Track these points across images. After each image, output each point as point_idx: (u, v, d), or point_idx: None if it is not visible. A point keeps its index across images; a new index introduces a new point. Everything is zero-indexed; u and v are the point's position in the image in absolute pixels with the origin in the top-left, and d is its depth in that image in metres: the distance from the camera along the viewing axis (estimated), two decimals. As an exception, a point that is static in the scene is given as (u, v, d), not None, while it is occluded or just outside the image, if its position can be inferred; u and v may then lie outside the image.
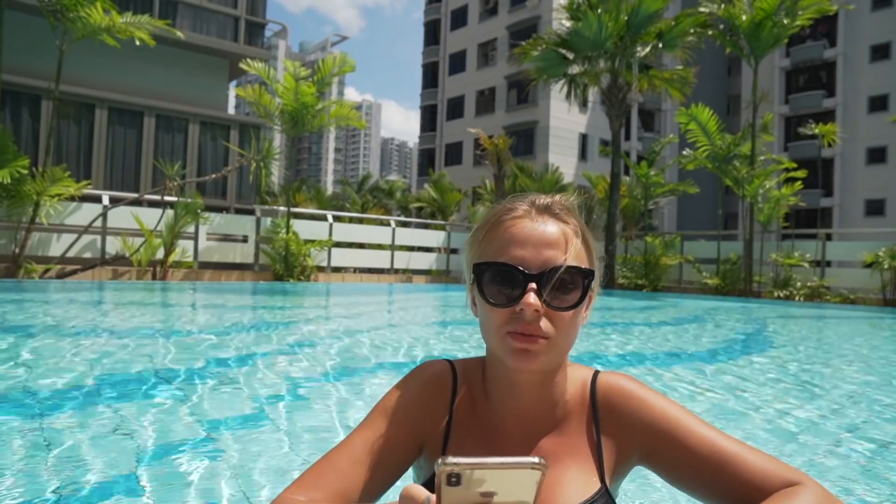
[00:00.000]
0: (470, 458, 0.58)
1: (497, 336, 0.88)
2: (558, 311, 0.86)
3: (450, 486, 0.58)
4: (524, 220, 0.91)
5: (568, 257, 0.88)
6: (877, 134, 35.01)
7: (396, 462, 0.92)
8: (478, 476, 0.58)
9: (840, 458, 2.32)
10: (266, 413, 2.66)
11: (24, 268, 9.82)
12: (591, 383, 0.99)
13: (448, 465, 0.57)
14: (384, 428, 0.92)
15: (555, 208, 0.93)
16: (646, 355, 4.74)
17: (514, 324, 0.86)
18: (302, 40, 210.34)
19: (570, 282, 0.87)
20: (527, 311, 0.84)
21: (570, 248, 0.89)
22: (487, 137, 24.36)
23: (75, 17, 10.22)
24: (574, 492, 0.90)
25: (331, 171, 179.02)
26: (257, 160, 13.42)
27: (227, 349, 4.23)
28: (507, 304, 0.86)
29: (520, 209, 0.93)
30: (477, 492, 0.59)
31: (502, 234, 0.91)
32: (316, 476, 0.87)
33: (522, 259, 0.87)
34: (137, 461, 1.96)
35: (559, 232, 0.90)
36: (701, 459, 0.89)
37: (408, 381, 0.98)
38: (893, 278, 12.44)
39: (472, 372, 1.00)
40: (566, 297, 0.87)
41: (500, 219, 0.93)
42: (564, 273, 0.86)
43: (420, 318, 7.78)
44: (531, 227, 0.90)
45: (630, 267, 15.73)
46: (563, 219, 0.92)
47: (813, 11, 13.86)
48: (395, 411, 0.94)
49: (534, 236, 0.89)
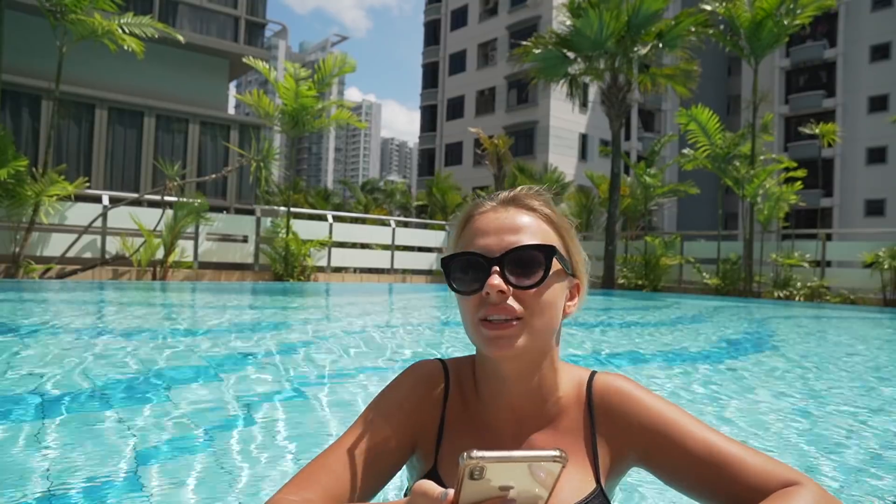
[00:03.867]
0: (494, 452, 0.58)
1: (472, 326, 0.90)
2: (524, 290, 0.87)
3: (472, 479, 0.59)
4: (489, 213, 0.94)
5: (528, 237, 0.89)
6: (877, 134, 35.00)
7: (390, 461, 0.92)
8: (501, 469, 0.58)
9: (840, 458, 2.32)
10: (265, 412, 2.66)
11: (24, 268, 9.83)
12: (588, 383, 0.99)
13: (473, 460, 0.57)
14: (377, 427, 0.92)
15: (520, 199, 0.95)
16: (645, 355, 4.74)
17: (483, 308, 0.87)
18: (302, 40, 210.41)
19: (531, 259, 0.88)
20: (492, 293, 0.86)
21: (536, 232, 0.91)
22: (487, 137, 24.37)
23: (75, 18, 10.22)
24: (568, 492, 0.89)
25: (331, 171, 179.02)
26: (257, 160, 13.43)
27: (226, 349, 4.23)
28: (475, 291, 0.88)
29: (487, 205, 0.95)
30: (496, 485, 0.60)
31: (469, 229, 0.94)
32: (309, 476, 0.87)
33: (486, 247, 0.89)
34: (136, 461, 1.96)
35: (523, 218, 0.92)
36: (698, 460, 0.89)
37: (400, 380, 0.99)
38: (893, 278, 12.44)
39: (463, 370, 1.01)
40: (529, 275, 0.88)
41: (469, 215, 0.96)
42: (524, 251, 0.87)
43: (419, 317, 7.78)
44: (494, 217, 0.92)
45: (630, 267, 15.73)
46: (528, 206, 0.94)
47: (813, 9, 13.84)
48: (388, 411, 0.94)
49: (496, 225, 0.91)
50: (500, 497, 0.60)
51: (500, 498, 0.60)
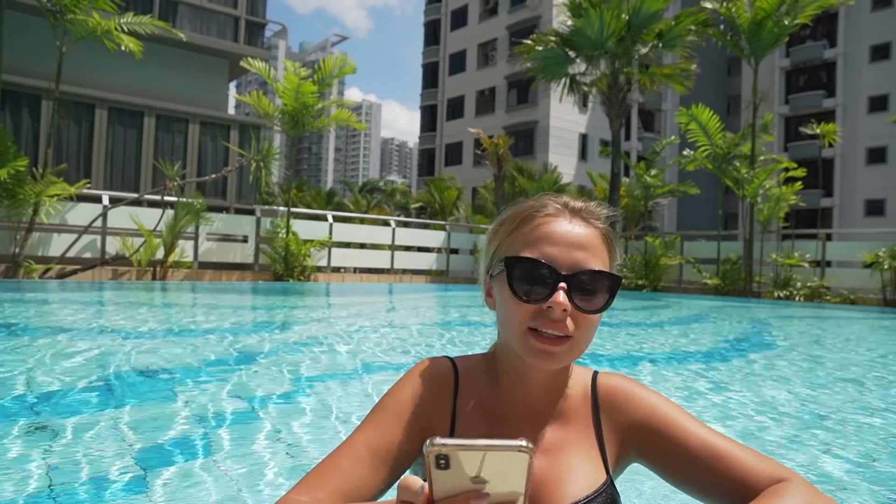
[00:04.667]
0: (456, 440, 0.58)
1: (518, 331, 0.90)
2: (584, 314, 0.88)
3: (439, 469, 0.58)
4: (557, 220, 0.93)
5: (597, 262, 0.90)
6: (877, 134, 35.00)
7: (399, 460, 0.92)
8: (465, 458, 0.58)
9: (840, 458, 2.32)
10: (267, 412, 2.66)
11: (24, 268, 9.82)
12: (592, 382, 1.02)
13: (435, 447, 0.58)
14: (386, 426, 0.93)
15: (586, 212, 0.95)
16: (645, 355, 4.74)
17: (538, 320, 0.88)
18: (302, 40, 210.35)
19: (598, 286, 0.89)
20: (556, 310, 0.86)
21: (598, 252, 0.92)
22: (487, 137, 24.37)
23: (74, 18, 10.22)
24: (583, 482, 0.92)
25: (331, 171, 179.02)
26: (257, 160, 13.43)
27: (226, 349, 4.23)
28: (537, 301, 0.88)
29: (551, 208, 0.94)
30: (468, 476, 0.59)
31: (533, 230, 0.92)
32: (319, 476, 0.87)
33: (554, 257, 0.89)
34: (136, 461, 1.96)
35: (590, 235, 0.92)
36: (694, 456, 0.91)
37: (408, 378, 0.99)
38: (893, 278, 12.44)
39: (474, 368, 1.01)
40: (593, 300, 0.89)
41: (532, 214, 0.94)
42: (596, 276, 0.89)
43: (420, 317, 7.78)
44: (564, 227, 0.92)
45: (630, 267, 15.73)
46: (593, 224, 0.94)
47: (814, 8, 13.84)
48: (397, 409, 0.95)
49: (566, 236, 0.91)
50: (474, 490, 0.60)
51: (474, 491, 0.60)
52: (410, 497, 0.62)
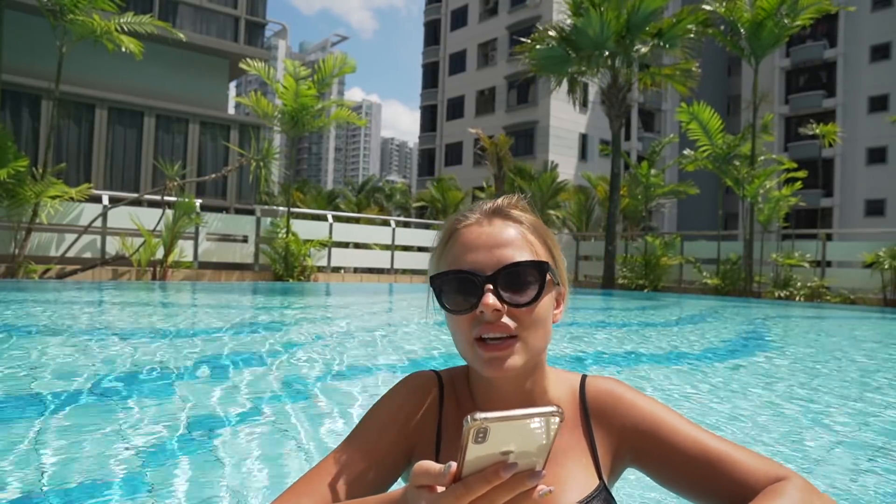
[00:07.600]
0: (496, 413, 0.59)
1: (466, 346, 0.89)
2: (520, 308, 0.86)
3: (476, 443, 0.59)
4: (474, 227, 0.91)
5: (523, 255, 0.88)
6: (877, 134, 34.99)
7: (386, 471, 0.93)
8: (502, 430, 0.59)
9: (840, 458, 2.32)
10: (267, 412, 2.66)
11: (24, 268, 9.82)
12: (581, 387, 1.00)
13: (478, 421, 0.58)
14: (373, 438, 0.93)
15: (504, 209, 0.94)
16: (645, 355, 4.73)
17: (478, 327, 0.86)
18: (302, 40, 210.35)
19: (527, 277, 0.87)
20: (487, 312, 0.84)
21: (522, 245, 0.89)
22: (487, 137, 24.38)
23: (74, 18, 10.21)
24: (575, 489, 0.91)
25: (331, 171, 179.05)
26: (257, 160, 13.43)
27: (226, 349, 4.22)
28: (468, 310, 0.86)
29: (471, 217, 0.93)
30: (499, 449, 0.60)
31: (454, 244, 0.91)
32: (307, 485, 0.88)
33: (476, 263, 0.87)
34: (136, 461, 1.96)
35: (510, 231, 0.90)
36: (688, 458, 0.90)
37: (395, 391, 0.99)
38: (893, 278, 12.43)
39: (458, 380, 1.02)
40: (524, 293, 0.86)
41: (453, 229, 0.93)
42: (519, 268, 0.86)
43: (419, 317, 7.77)
44: (480, 231, 0.90)
45: (630, 267, 15.73)
46: (514, 218, 0.93)
47: (813, 11, 13.85)
48: (384, 421, 0.95)
49: (487, 239, 0.89)
50: (501, 462, 0.60)
51: (502, 463, 0.60)
52: (431, 480, 0.61)
